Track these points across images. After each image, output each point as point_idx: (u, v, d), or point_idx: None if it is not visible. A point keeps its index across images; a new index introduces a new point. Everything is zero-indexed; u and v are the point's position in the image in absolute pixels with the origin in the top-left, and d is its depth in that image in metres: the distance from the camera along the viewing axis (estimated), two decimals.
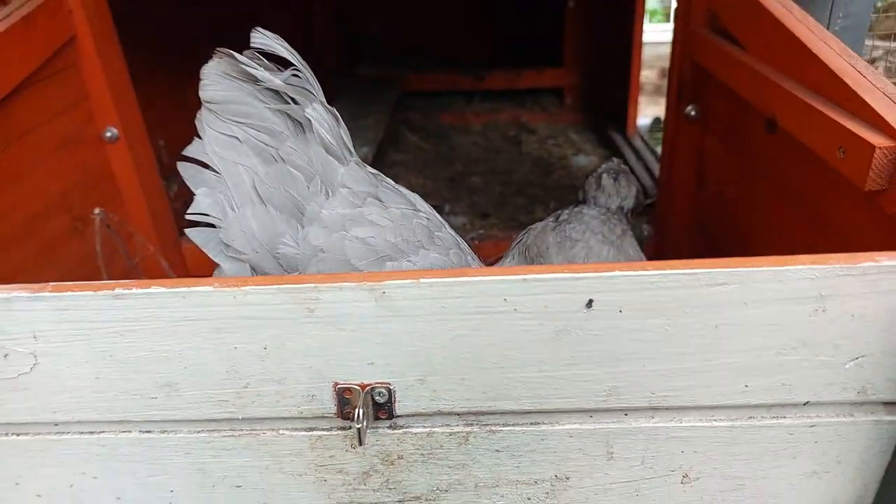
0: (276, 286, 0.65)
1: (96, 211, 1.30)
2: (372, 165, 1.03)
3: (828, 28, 1.50)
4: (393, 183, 1.04)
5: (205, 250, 0.92)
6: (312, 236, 0.90)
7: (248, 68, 0.88)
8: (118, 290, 0.64)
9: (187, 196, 0.93)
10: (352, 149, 0.98)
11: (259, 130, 0.90)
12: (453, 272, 0.65)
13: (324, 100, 0.97)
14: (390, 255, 0.92)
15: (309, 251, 0.90)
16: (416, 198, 1.05)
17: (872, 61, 4.16)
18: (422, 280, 0.65)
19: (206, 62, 0.91)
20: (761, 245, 1.32)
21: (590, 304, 0.66)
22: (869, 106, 0.88)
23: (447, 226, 1.09)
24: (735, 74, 1.26)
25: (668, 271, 0.64)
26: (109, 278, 1.39)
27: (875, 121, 0.87)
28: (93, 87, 1.60)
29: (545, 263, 1.14)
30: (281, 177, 0.90)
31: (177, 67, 2.59)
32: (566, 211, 1.23)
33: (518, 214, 2.82)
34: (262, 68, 0.89)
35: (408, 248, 0.94)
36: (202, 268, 1.99)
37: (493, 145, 3.69)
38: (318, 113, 0.93)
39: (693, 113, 1.56)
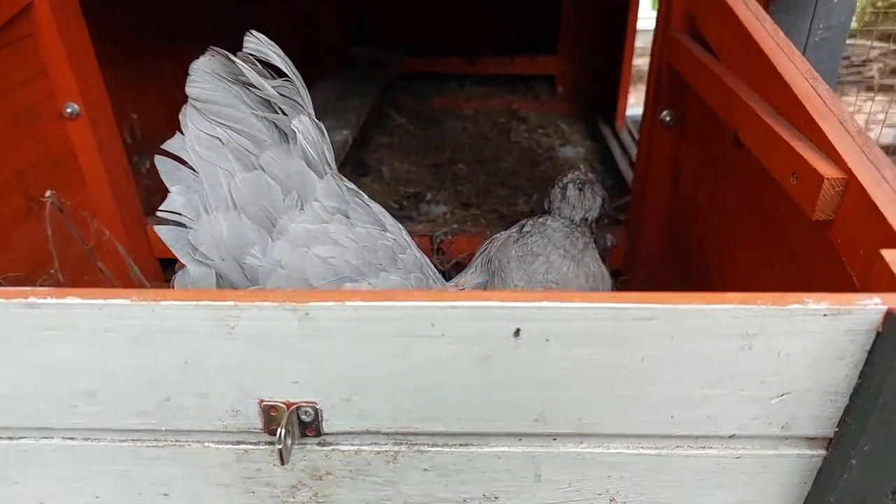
0: (194, 302, 0.64)
1: (47, 194, 1.27)
2: (355, 148, 1.02)
3: (807, 39, 1.47)
4: (366, 199, 1.03)
5: (172, 250, 0.91)
6: (277, 250, 0.89)
7: (240, 71, 0.87)
8: (32, 300, 0.63)
9: (159, 174, 0.92)
10: (332, 162, 0.97)
11: (242, 135, 0.89)
12: (380, 295, 0.64)
13: (312, 111, 0.96)
14: (350, 277, 0.91)
15: (271, 265, 0.89)
16: (385, 216, 1.04)
17: (867, 62, 4.13)
18: (347, 303, 0.64)
19: (194, 51, 0.90)
20: (726, 254, 1.31)
21: (517, 332, 0.65)
22: (824, 134, 0.86)
23: (413, 247, 1.07)
24: (706, 85, 1.24)
25: (595, 304, 0.63)
26: (63, 264, 1.38)
27: (828, 150, 0.86)
28: (51, 60, 1.55)
29: (505, 277, 1.13)
30: (258, 185, 0.89)
31: (153, 38, 2.54)
32: (530, 221, 1.21)
33: (500, 206, 2.80)
34: (254, 73, 0.88)
35: (368, 270, 0.93)
36: (167, 251, 1.97)
37: (482, 132, 3.66)
38: (304, 126, 0.92)
39: (668, 119, 1.54)
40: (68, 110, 1.62)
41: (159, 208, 0.87)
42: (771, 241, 1.09)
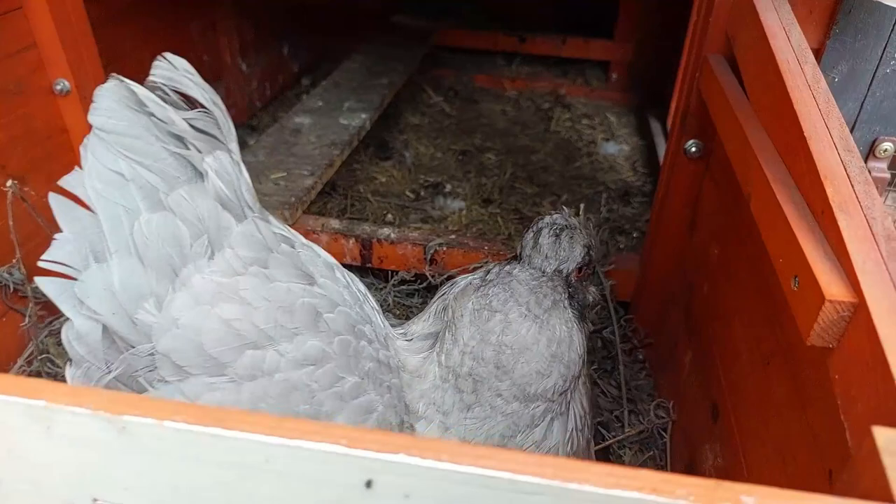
0: (5, 396, 0.54)
1: (8, 184, 1.21)
2: (380, 128, 0.90)
3: (876, 69, 1.24)
4: (299, 242, 0.91)
5: (56, 303, 0.81)
6: (175, 306, 0.79)
7: (145, 103, 0.77)
8: None
9: None
10: (253, 204, 0.86)
11: (151, 171, 0.78)
12: (207, 416, 0.53)
13: (234, 144, 0.84)
14: (255, 343, 0.80)
15: (166, 323, 0.78)
16: (316, 264, 0.91)
17: None
18: (166, 422, 0.53)
19: (215, 14, 0.80)
20: (726, 329, 1.13)
21: (369, 483, 0.53)
22: (840, 235, 0.68)
23: (354, 301, 0.95)
24: (727, 128, 1.04)
25: (464, 467, 0.50)
26: (26, 252, 1.32)
27: (842, 257, 0.67)
28: (41, 34, 1.47)
29: (456, 333, 1.00)
30: (164, 228, 0.79)
31: (163, 10, 2.44)
32: (496, 268, 1.06)
33: (523, 205, 2.63)
34: (160, 105, 0.77)
35: (279, 334, 0.82)
36: None
37: (521, 118, 3.45)
38: (220, 163, 0.81)
39: (693, 150, 1.34)
40: (58, 87, 1.55)
41: (42, 257, 0.77)
42: (772, 334, 0.91)
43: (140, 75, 0.83)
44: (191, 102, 0.84)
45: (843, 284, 0.65)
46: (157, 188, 0.79)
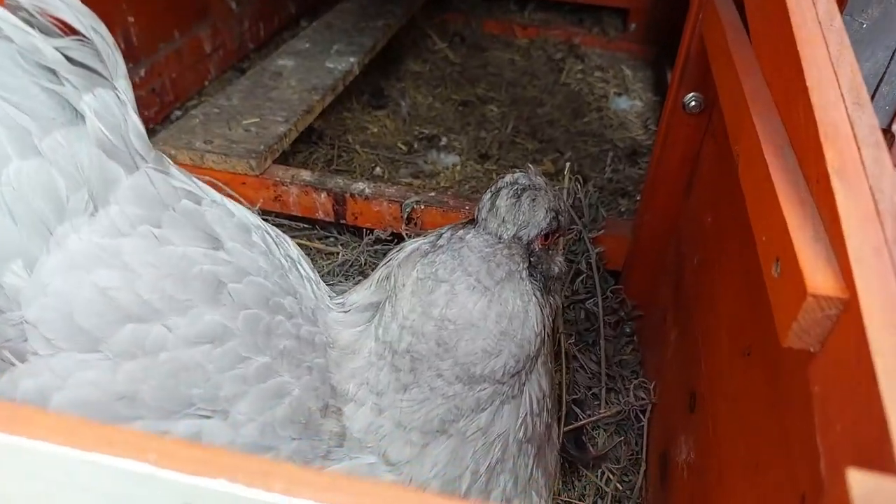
0: None
1: None
2: (376, 75, 0.77)
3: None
4: (210, 200, 0.79)
5: None
6: (47, 269, 0.68)
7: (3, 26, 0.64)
8: None
9: (156, 82, 0.71)
10: (146, 152, 0.73)
11: (20, 109, 0.66)
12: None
13: (122, 82, 0.71)
14: (138, 316, 0.69)
15: (36, 289, 0.67)
16: (226, 224, 0.78)
17: None
18: None
19: None
20: (711, 305, 1.00)
21: None
22: (836, 209, 0.53)
23: (288, 269, 0.83)
24: (723, 76, 0.88)
25: (301, 501, 0.38)
26: None
27: (835, 238, 0.53)
28: None
29: (395, 304, 0.88)
30: (37, 178, 0.67)
31: None
32: (448, 233, 0.93)
33: (521, 162, 2.47)
34: (25, 28, 0.64)
35: (169, 306, 0.70)
36: None
37: (531, 67, 3.24)
38: (101, 102, 0.68)
39: (693, 104, 1.18)
40: None
41: None
42: (754, 322, 0.78)
43: (113, 13, 0.70)
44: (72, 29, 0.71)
45: (832, 275, 0.51)
46: (28, 131, 0.66)
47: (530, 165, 1.01)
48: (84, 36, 0.68)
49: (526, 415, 0.96)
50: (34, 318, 0.67)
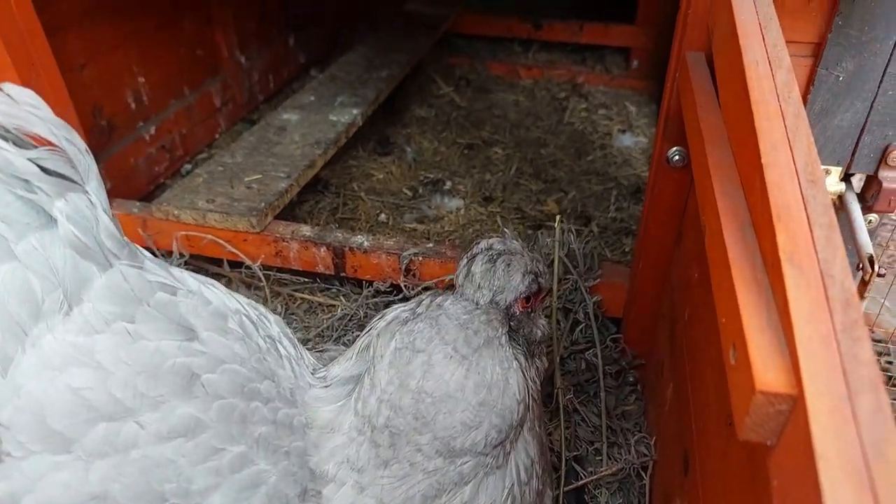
0: None
1: None
2: (383, 123, 0.77)
3: (886, 67, 1.06)
4: (187, 290, 0.80)
5: None
6: (21, 371, 0.70)
7: None
8: None
9: (166, 138, 0.72)
10: (119, 249, 0.75)
11: None
12: None
13: (93, 184, 0.74)
14: (110, 415, 0.70)
15: (10, 391, 0.69)
16: (207, 316, 0.80)
17: None
18: None
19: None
20: (699, 364, 0.98)
21: None
22: (785, 296, 0.53)
23: (267, 351, 0.84)
24: (693, 139, 0.88)
25: None
26: None
27: (787, 327, 0.53)
28: None
29: (375, 377, 0.88)
30: (13, 282, 0.70)
31: (149, 7, 2.37)
32: (427, 300, 0.94)
33: (525, 204, 2.48)
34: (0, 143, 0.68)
35: (141, 403, 0.72)
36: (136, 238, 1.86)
37: (535, 108, 3.27)
38: (73, 206, 0.71)
39: (676, 158, 1.18)
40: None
41: None
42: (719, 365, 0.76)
43: (123, 74, 0.71)
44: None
45: (782, 369, 0.51)
46: (4, 236, 0.69)
47: (506, 230, 1.02)
48: (53, 147, 0.71)
49: (513, 485, 0.94)
50: (7, 420, 0.68)
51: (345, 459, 0.87)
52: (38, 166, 0.68)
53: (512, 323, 0.95)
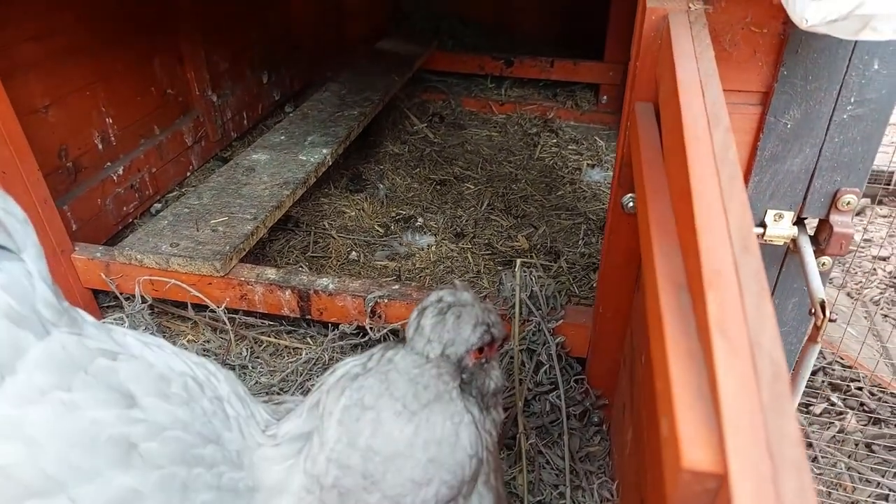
0: None
1: None
2: (355, 159, 0.76)
3: (832, 114, 1.08)
4: (129, 355, 0.78)
5: None
6: None
7: None
8: None
9: (135, 177, 0.70)
10: (57, 318, 0.73)
11: None
12: None
13: (30, 252, 0.72)
14: (41, 491, 0.68)
15: None
16: (148, 381, 0.78)
17: None
18: None
19: (190, 41, 0.68)
20: (651, 411, 0.98)
21: None
22: (713, 367, 0.53)
23: (213, 414, 0.82)
24: (638, 195, 0.89)
25: None
26: None
27: (715, 400, 0.53)
28: None
29: (324, 434, 0.86)
30: None
31: (140, 27, 2.38)
32: (378, 353, 0.93)
33: (496, 240, 2.49)
34: None
35: (75, 477, 0.69)
36: (97, 279, 1.82)
37: (507, 143, 3.31)
38: (8, 276, 0.70)
39: (630, 205, 1.19)
40: None
41: None
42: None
43: (90, 115, 0.70)
44: None
45: (710, 445, 0.50)
46: None
47: (456, 281, 1.01)
48: None
49: None
50: None
51: None
52: None
53: (464, 375, 0.94)
